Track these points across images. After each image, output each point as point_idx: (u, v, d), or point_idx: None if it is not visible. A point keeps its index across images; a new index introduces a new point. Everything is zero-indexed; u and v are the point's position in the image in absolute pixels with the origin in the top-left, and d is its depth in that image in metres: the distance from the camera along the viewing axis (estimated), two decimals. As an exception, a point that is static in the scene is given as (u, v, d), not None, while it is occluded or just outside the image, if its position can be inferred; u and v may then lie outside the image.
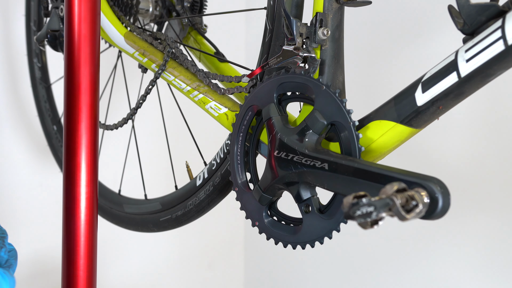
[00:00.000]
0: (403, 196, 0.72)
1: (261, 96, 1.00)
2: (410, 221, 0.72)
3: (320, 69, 0.96)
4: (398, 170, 0.80)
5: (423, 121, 0.86)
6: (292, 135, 0.94)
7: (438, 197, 0.74)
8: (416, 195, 0.73)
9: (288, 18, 0.95)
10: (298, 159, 0.92)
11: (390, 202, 0.70)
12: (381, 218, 0.70)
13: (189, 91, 1.16)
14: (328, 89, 0.90)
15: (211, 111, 1.14)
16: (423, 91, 0.84)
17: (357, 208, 0.70)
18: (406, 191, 0.73)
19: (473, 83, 0.79)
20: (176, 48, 1.18)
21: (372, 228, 0.70)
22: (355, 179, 0.84)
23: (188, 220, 1.29)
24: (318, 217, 0.93)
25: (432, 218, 0.74)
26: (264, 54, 1.08)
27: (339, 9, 0.95)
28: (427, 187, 0.74)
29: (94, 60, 1.03)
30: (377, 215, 0.69)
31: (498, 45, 0.74)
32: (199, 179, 1.25)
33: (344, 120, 0.88)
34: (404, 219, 0.70)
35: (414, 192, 0.73)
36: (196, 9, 1.36)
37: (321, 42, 0.95)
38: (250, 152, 1.05)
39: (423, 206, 0.73)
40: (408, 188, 0.74)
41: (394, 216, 0.71)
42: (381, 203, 0.70)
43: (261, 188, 0.99)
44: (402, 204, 0.71)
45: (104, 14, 1.29)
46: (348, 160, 0.86)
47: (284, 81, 0.97)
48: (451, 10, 0.81)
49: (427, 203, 0.74)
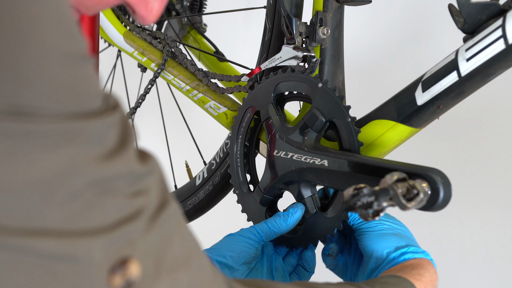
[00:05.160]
0: (404, 186, 0.71)
1: (259, 97, 1.00)
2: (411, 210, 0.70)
3: (319, 68, 0.96)
4: (398, 162, 0.79)
5: (423, 121, 0.86)
6: (291, 134, 0.94)
7: (439, 188, 0.73)
8: (417, 184, 0.72)
9: (288, 17, 0.95)
10: (298, 157, 0.92)
11: (391, 191, 0.69)
12: (382, 208, 0.69)
13: (188, 90, 1.16)
14: (325, 86, 0.90)
15: (211, 111, 1.13)
16: (423, 90, 0.83)
17: (357, 198, 0.69)
18: (406, 181, 0.72)
19: (474, 82, 0.79)
20: (176, 47, 1.18)
21: (373, 219, 0.69)
22: (355, 174, 0.83)
23: (187, 220, 1.29)
24: (319, 215, 0.92)
25: (434, 209, 0.73)
26: (264, 53, 1.07)
27: (339, 8, 0.95)
28: (428, 178, 0.73)
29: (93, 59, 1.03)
30: (378, 205, 0.68)
31: (499, 44, 0.74)
32: (199, 179, 1.24)
33: (342, 116, 0.88)
34: (405, 208, 0.69)
35: (414, 181, 0.72)
36: (196, 8, 1.36)
37: (321, 41, 0.95)
38: (250, 153, 1.05)
39: (424, 194, 0.71)
40: (408, 178, 0.73)
41: (395, 206, 0.70)
42: (381, 193, 0.69)
43: (261, 189, 0.99)
44: (403, 193, 0.70)
45: (103, 13, 1.29)
46: (347, 155, 0.85)
47: (281, 80, 0.96)
48: (451, 9, 0.81)
49: (428, 192, 0.73)
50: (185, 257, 0.51)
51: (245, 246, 0.89)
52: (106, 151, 0.45)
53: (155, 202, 0.48)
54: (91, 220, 0.44)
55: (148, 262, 0.47)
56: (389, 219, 0.88)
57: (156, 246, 0.48)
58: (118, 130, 0.46)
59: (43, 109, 0.42)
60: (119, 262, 0.45)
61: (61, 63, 0.43)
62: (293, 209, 0.93)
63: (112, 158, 0.45)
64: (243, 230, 0.91)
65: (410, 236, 0.87)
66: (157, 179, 0.49)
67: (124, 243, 0.45)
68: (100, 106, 0.45)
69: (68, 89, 0.43)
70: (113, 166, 0.45)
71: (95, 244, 0.44)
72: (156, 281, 0.47)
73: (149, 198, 0.48)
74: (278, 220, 0.92)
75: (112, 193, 0.45)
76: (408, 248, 0.83)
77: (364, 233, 0.86)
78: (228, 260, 0.88)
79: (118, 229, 0.45)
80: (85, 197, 0.43)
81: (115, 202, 0.45)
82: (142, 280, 0.46)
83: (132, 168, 0.46)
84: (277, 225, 0.91)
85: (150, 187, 0.48)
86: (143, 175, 0.47)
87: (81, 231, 0.43)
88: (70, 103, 0.43)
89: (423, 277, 0.79)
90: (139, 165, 0.47)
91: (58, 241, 0.42)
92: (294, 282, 0.70)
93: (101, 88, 0.47)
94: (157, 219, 0.48)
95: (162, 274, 0.48)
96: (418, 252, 0.83)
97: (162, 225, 0.48)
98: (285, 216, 0.92)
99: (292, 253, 0.96)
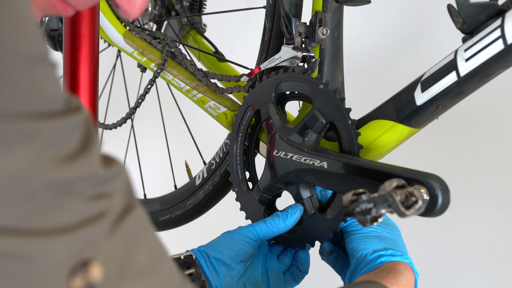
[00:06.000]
0: (402, 193, 0.71)
1: (259, 96, 1.00)
2: (409, 217, 0.71)
3: (319, 68, 0.96)
4: (397, 167, 0.79)
5: (422, 121, 0.86)
6: (291, 134, 0.94)
7: (437, 194, 0.73)
8: (415, 191, 0.72)
9: (287, 17, 0.95)
10: (297, 158, 0.92)
11: (390, 199, 0.69)
12: (380, 214, 0.69)
13: (188, 90, 1.16)
14: (326, 87, 0.90)
15: (210, 111, 1.14)
16: (422, 91, 0.83)
17: (356, 204, 0.70)
18: (405, 188, 0.73)
19: (473, 82, 0.79)
20: (175, 48, 1.18)
21: (371, 225, 0.70)
22: (354, 177, 0.83)
23: (187, 220, 1.29)
24: (317, 216, 0.93)
25: (432, 215, 0.74)
26: (263, 53, 1.07)
27: (338, 8, 0.95)
28: (427, 184, 0.74)
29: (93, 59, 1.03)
30: (376, 211, 0.69)
31: (498, 44, 0.74)
32: (199, 179, 1.24)
33: (343, 118, 0.88)
34: (403, 215, 0.70)
35: (413, 188, 0.73)
36: (195, 9, 1.36)
37: (320, 42, 0.95)
38: (250, 152, 1.05)
39: (422, 202, 0.72)
40: (407, 185, 0.74)
41: (394, 213, 0.70)
42: (380, 200, 0.69)
43: (260, 188, 0.99)
44: (402, 201, 0.71)
45: (103, 13, 1.29)
46: (347, 158, 0.85)
47: (282, 80, 0.97)
48: (450, 9, 0.81)
49: (427, 199, 0.73)
50: (152, 264, 0.50)
51: (243, 244, 0.89)
52: (67, 152, 0.44)
53: (119, 206, 0.48)
54: (50, 220, 0.43)
55: (111, 266, 0.46)
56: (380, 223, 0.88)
57: (120, 250, 0.47)
58: (80, 133, 0.46)
59: (0, 109, 0.41)
60: (80, 264, 0.44)
61: (19, 64, 0.43)
62: (292, 210, 0.93)
63: (73, 160, 0.44)
64: (242, 228, 0.92)
65: (394, 239, 0.87)
66: (122, 183, 0.49)
67: (86, 244, 0.45)
68: (61, 108, 0.45)
69: (26, 90, 0.43)
70: (74, 168, 0.44)
71: (55, 244, 0.43)
72: (119, 287, 0.47)
73: (113, 202, 0.47)
74: (277, 220, 0.92)
75: (73, 194, 0.44)
76: (386, 251, 0.83)
77: (349, 235, 0.88)
78: (225, 257, 0.88)
79: (80, 230, 0.44)
80: (43, 197, 0.43)
81: (75, 204, 0.44)
82: (105, 284, 0.45)
83: (95, 171, 0.46)
84: (275, 225, 0.91)
85: (113, 191, 0.47)
86: (106, 179, 0.47)
87: (40, 231, 0.43)
88: (28, 103, 0.43)
89: (399, 281, 0.79)
90: (102, 168, 0.47)
91: (15, 240, 0.42)
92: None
93: (63, 92, 0.46)
94: (121, 223, 0.47)
95: (126, 280, 0.47)
96: (395, 255, 0.83)
97: (127, 229, 0.48)
98: (284, 217, 0.92)
99: (286, 253, 0.96)
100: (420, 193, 0.72)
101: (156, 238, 0.53)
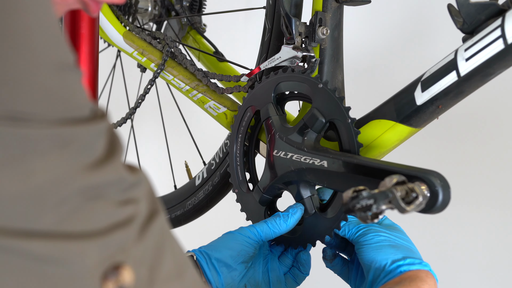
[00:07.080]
0: (403, 189, 0.71)
1: (259, 97, 1.00)
2: (410, 213, 0.71)
3: (319, 68, 0.96)
4: (397, 164, 0.79)
5: (422, 120, 0.86)
6: (290, 134, 0.94)
7: (438, 190, 0.73)
8: (416, 187, 0.72)
9: (287, 17, 0.95)
10: (297, 157, 0.92)
11: (390, 194, 0.69)
12: (381, 211, 0.69)
13: (188, 90, 1.16)
14: (325, 87, 0.90)
15: (210, 111, 1.13)
16: (422, 90, 0.83)
17: (357, 201, 0.69)
18: (405, 184, 0.72)
19: (473, 82, 0.79)
20: (175, 48, 1.18)
21: (372, 222, 0.69)
22: (355, 176, 0.83)
23: (187, 220, 1.29)
24: (318, 216, 0.93)
25: (433, 211, 0.73)
26: (263, 54, 1.07)
27: (338, 8, 0.95)
28: (427, 180, 0.74)
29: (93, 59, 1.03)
30: (377, 207, 0.69)
31: (498, 43, 0.74)
32: (198, 179, 1.24)
33: (342, 117, 0.88)
34: (404, 211, 0.70)
35: (414, 184, 0.73)
36: (195, 9, 1.36)
37: (320, 41, 0.95)
38: (250, 153, 1.05)
39: (423, 198, 0.72)
40: (407, 181, 0.73)
41: (394, 209, 0.70)
42: (381, 196, 0.69)
43: (260, 188, 0.99)
44: (402, 196, 0.71)
45: (103, 14, 1.29)
46: (347, 156, 0.85)
47: (281, 80, 0.97)
48: (450, 9, 0.81)
49: (427, 195, 0.73)
50: (178, 269, 0.51)
51: (244, 245, 0.89)
52: (96, 158, 0.45)
53: (145, 212, 0.48)
54: (82, 224, 0.44)
55: (141, 271, 0.47)
56: (387, 230, 0.88)
57: (148, 255, 0.48)
58: (106, 139, 0.47)
59: (35, 115, 0.42)
60: (112, 268, 0.45)
61: (51, 71, 0.44)
62: (292, 210, 0.93)
63: (102, 165, 0.45)
64: (243, 229, 0.91)
65: (408, 246, 0.86)
66: (146, 189, 0.50)
67: (116, 249, 0.45)
68: (89, 115, 0.46)
69: (58, 96, 0.44)
70: (103, 173, 0.45)
71: (88, 248, 0.44)
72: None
73: (139, 207, 0.48)
74: (278, 220, 0.92)
75: (102, 199, 0.45)
76: (405, 260, 0.82)
77: (361, 247, 0.86)
78: (226, 258, 0.88)
79: (110, 234, 0.45)
80: (75, 202, 0.44)
81: (105, 209, 0.45)
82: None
83: (122, 177, 0.47)
84: (277, 226, 0.91)
85: (139, 196, 0.48)
86: (132, 185, 0.48)
87: (73, 234, 0.43)
88: (60, 109, 0.44)
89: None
90: (128, 174, 0.48)
91: (49, 243, 0.42)
92: None
93: (89, 99, 0.47)
94: (148, 229, 0.48)
95: (156, 284, 0.48)
96: (414, 264, 0.82)
97: (153, 235, 0.48)
98: (285, 217, 0.92)
99: (287, 254, 0.96)
100: (420, 189, 0.72)
101: (179, 244, 0.53)
